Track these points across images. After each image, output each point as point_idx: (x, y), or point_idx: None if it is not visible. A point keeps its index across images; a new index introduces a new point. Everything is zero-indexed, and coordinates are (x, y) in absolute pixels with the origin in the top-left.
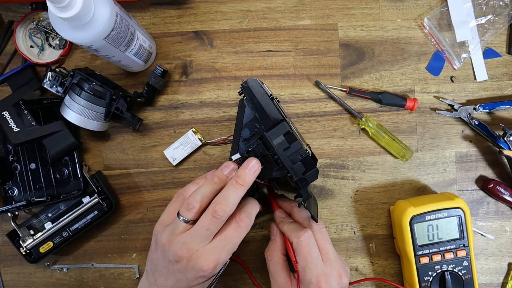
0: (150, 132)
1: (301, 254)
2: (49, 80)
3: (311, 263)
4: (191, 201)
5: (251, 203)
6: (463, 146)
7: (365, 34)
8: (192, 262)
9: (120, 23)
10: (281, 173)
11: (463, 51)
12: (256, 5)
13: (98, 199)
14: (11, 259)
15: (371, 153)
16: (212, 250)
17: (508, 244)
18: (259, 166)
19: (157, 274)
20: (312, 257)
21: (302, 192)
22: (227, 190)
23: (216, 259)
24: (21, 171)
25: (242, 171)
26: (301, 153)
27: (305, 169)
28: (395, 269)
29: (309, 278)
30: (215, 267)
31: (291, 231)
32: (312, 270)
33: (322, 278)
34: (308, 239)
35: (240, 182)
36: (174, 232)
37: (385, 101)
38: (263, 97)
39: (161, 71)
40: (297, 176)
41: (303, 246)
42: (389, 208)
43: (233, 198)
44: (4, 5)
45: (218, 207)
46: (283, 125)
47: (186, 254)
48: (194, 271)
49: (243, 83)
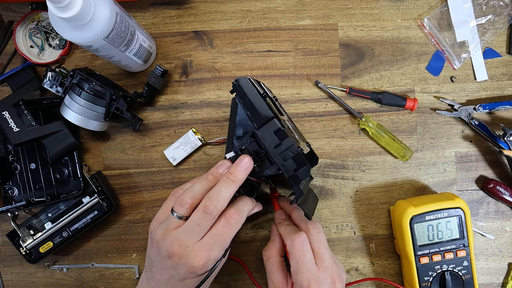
0: (150, 132)
1: (294, 257)
2: (49, 80)
3: (303, 267)
4: (184, 197)
5: (243, 200)
6: (463, 146)
7: (365, 34)
8: (183, 258)
9: (120, 23)
10: (274, 170)
11: (463, 51)
12: (256, 5)
13: (98, 199)
14: (11, 259)
15: (371, 153)
16: (202, 247)
17: (508, 244)
18: (251, 164)
19: (153, 270)
20: (304, 261)
21: (294, 189)
22: (219, 186)
23: (206, 256)
24: (21, 171)
25: (234, 168)
26: (293, 150)
27: (297, 166)
28: (395, 269)
29: (300, 282)
30: (205, 264)
31: (287, 233)
32: (303, 274)
33: (313, 282)
34: (301, 243)
35: (231, 179)
36: (167, 228)
37: (385, 101)
38: (254, 94)
39: (161, 71)
40: (288, 173)
41: (296, 250)
42: (389, 208)
43: (224, 194)
44: (4, 5)
45: (208, 202)
46: (274, 122)
47: (177, 250)
48: (185, 267)
49: (234, 81)
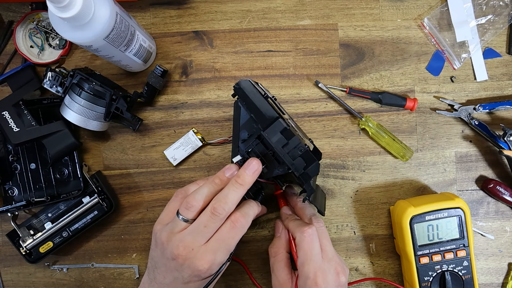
0: (150, 132)
1: (303, 248)
2: (49, 80)
3: (311, 259)
4: (190, 200)
5: (249, 204)
6: (463, 146)
7: (365, 34)
8: (188, 261)
9: (120, 23)
10: (283, 170)
11: (463, 51)
12: (256, 5)
13: (98, 199)
14: (11, 259)
15: (371, 153)
16: (207, 250)
17: (508, 244)
18: (260, 166)
19: (156, 272)
20: (312, 253)
21: (306, 186)
22: (227, 189)
23: (211, 260)
24: (21, 171)
25: (243, 171)
26: (300, 148)
27: (306, 164)
28: (395, 269)
29: (307, 273)
30: (210, 267)
31: (296, 226)
32: (310, 265)
33: (319, 273)
34: (311, 235)
35: (240, 182)
36: (172, 231)
37: (385, 101)
38: (256, 96)
39: (161, 71)
40: (299, 172)
41: (305, 241)
42: (389, 208)
43: (232, 197)
44: (4, 5)
45: (217, 204)
46: (279, 122)
47: (182, 252)
48: (189, 270)
49: (235, 85)
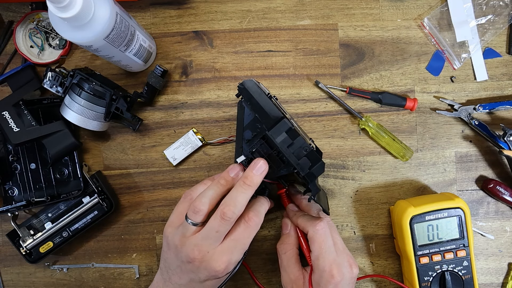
0: (150, 132)
1: (317, 242)
2: (49, 80)
3: (325, 252)
4: (197, 204)
5: (260, 201)
6: (463, 146)
7: (365, 34)
8: (204, 263)
9: (120, 23)
10: (288, 170)
11: (463, 51)
12: (256, 5)
13: (98, 199)
14: (11, 259)
15: (371, 153)
16: (223, 251)
17: (508, 244)
18: (266, 166)
19: (171, 273)
20: (326, 246)
21: (311, 186)
22: (235, 191)
23: (227, 260)
24: (21, 171)
25: (250, 172)
26: (305, 148)
27: (311, 164)
28: (395, 269)
29: (323, 266)
30: (227, 267)
31: (306, 221)
32: (325, 259)
33: (334, 266)
34: (324, 228)
35: (247, 183)
36: (184, 235)
37: (385, 101)
38: (261, 96)
39: (161, 71)
40: (304, 171)
41: (319, 235)
42: (389, 208)
43: (241, 200)
44: (4, 5)
45: (226, 208)
46: (284, 122)
47: (198, 256)
48: (206, 272)
49: (239, 85)
